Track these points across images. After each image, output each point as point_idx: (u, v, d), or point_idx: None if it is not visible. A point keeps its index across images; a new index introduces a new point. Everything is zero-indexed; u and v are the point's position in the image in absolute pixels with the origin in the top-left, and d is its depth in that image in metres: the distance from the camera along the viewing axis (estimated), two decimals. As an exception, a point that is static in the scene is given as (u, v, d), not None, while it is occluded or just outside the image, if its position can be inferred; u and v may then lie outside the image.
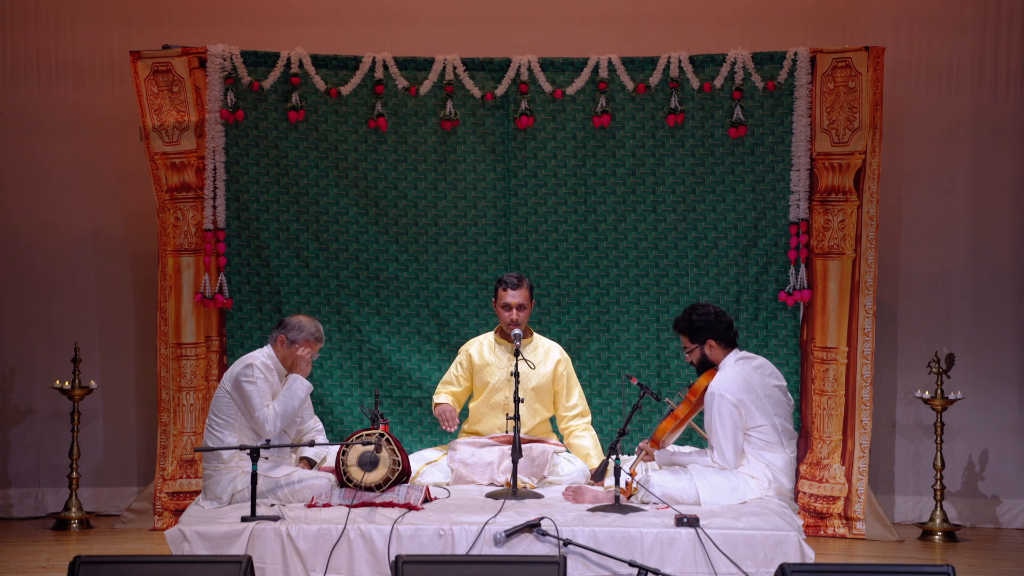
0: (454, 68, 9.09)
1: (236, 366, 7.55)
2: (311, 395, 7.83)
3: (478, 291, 9.12)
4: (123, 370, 9.62)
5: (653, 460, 7.57)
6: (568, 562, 6.17)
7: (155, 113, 8.95)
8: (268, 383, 7.50)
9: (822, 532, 8.75)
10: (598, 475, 7.52)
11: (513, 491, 7.32)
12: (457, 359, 8.44)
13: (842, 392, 8.85)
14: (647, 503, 7.17)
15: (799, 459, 8.72)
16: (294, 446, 7.52)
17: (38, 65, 9.60)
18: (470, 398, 8.44)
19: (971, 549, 8.60)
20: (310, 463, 7.70)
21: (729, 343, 7.56)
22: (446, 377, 8.44)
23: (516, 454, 7.37)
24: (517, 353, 7.79)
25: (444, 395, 8.34)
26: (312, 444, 7.64)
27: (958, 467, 9.41)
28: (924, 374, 9.17)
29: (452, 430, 8.15)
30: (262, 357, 7.56)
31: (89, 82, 9.61)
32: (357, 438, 7.24)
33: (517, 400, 7.53)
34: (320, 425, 7.95)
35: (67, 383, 9.09)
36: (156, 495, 8.89)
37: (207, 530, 6.84)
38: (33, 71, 9.61)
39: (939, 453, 8.95)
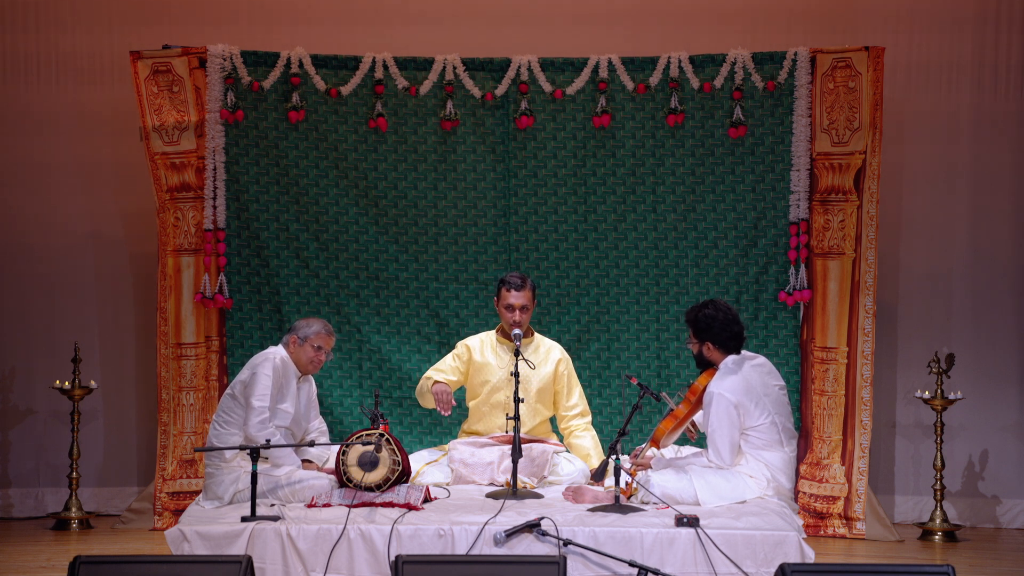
0: (454, 68, 9.09)
1: (256, 357, 7.61)
2: (317, 394, 7.97)
3: (478, 291, 9.12)
4: (123, 370, 9.62)
5: (651, 468, 7.56)
6: (568, 562, 6.17)
7: (155, 113, 8.95)
8: (279, 381, 7.51)
9: (822, 532, 8.75)
10: (598, 475, 7.52)
11: (513, 491, 7.31)
12: (454, 351, 8.40)
13: (842, 392, 8.85)
14: (647, 503, 7.17)
15: (799, 459, 8.72)
16: (293, 446, 7.52)
17: (38, 65, 9.61)
18: (465, 395, 8.42)
19: (971, 549, 8.60)
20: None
21: (729, 351, 7.52)
22: (439, 364, 8.35)
23: (516, 454, 7.37)
24: (517, 353, 7.79)
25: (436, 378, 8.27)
26: (312, 444, 7.65)
27: (958, 467, 9.41)
28: (924, 374, 9.17)
29: (448, 414, 8.10)
30: (281, 354, 7.59)
31: (89, 82, 9.61)
32: (357, 438, 7.24)
33: (517, 400, 7.53)
34: (324, 427, 7.97)
35: (67, 383, 9.09)
36: (156, 495, 8.89)
37: (207, 530, 6.84)
38: (33, 71, 9.61)
39: (939, 453, 8.95)
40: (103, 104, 9.59)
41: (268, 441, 7.29)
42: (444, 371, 8.31)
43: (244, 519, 6.88)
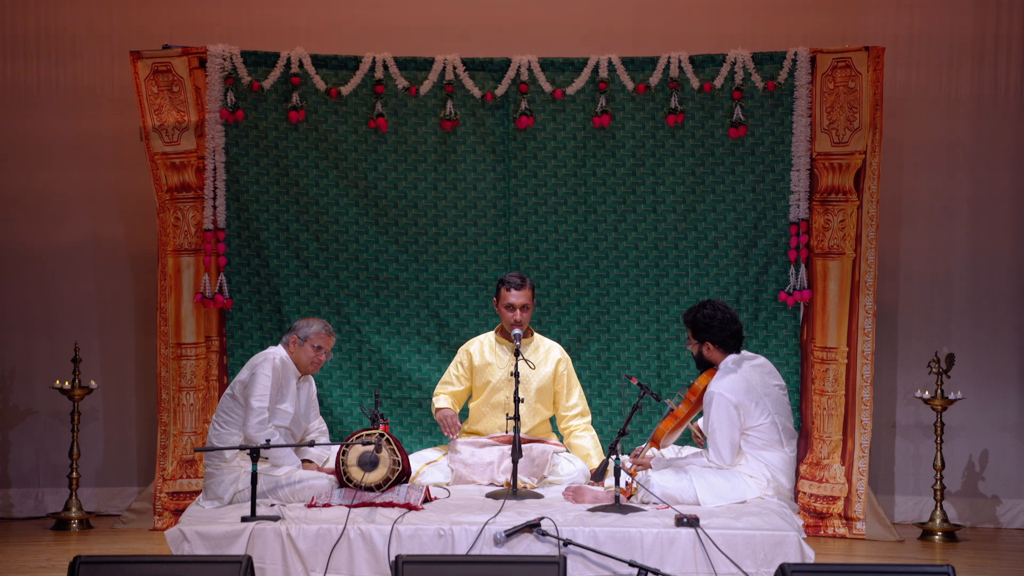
0: (454, 68, 9.09)
1: (256, 357, 7.61)
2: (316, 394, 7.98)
3: (478, 291, 9.12)
4: (123, 370, 9.61)
5: (651, 468, 7.57)
6: (568, 562, 6.17)
7: (155, 113, 8.95)
8: (279, 381, 7.51)
9: (822, 532, 8.75)
10: (598, 475, 7.52)
11: (513, 491, 7.32)
12: (456, 359, 8.43)
13: (842, 392, 8.85)
14: (647, 503, 7.17)
15: (799, 459, 8.72)
16: (293, 446, 7.52)
17: (38, 65, 9.60)
18: (469, 398, 8.44)
19: (971, 549, 8.60)
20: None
21: (729, 350, 7.52)
22: (445, 377, 8.43)
23: (516, 454, 7.37)
24: (517, 353, 7.79)
25: (444, 398, 8.31)
26: (312, 444, 7.65)
27: (958, 467, 9.41)
28: (924, 374, 9.17)
29: (454, 437, 8.13)
30: (281, 354, 7.59)
31: (89, 82, 9.60)
32: (357, 438, 7.24)
33: (517, 400, 7.53)
34: (324, 427, 7.97)
35: (67, 383, 9.09)
36: (156, 495, 8.89)
37: (207, 530, 6.84)
38: (33, 71, 9.61)
39: (939, 453, 8.95)
40: (103, 104, 9.58)
41: (268, 441, 7.29)
42: (451, 383, 8.34)
43: (244, 519, 6.89)
